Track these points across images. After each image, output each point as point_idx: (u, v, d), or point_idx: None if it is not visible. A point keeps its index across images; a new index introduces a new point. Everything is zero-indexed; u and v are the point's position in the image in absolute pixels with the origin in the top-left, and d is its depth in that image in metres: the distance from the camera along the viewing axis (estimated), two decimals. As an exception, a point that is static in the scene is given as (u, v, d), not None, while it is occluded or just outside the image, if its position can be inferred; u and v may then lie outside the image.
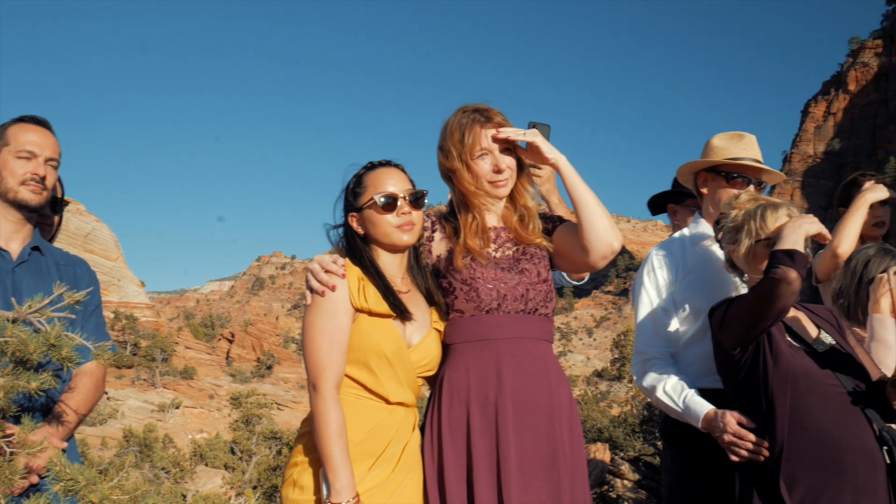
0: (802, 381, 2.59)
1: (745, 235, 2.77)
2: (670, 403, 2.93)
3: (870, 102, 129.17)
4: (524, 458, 2.43)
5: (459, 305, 2.56)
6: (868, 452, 2.53)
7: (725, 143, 3.20)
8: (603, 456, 10.16)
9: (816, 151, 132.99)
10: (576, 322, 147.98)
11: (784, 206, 2.78)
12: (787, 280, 2.48)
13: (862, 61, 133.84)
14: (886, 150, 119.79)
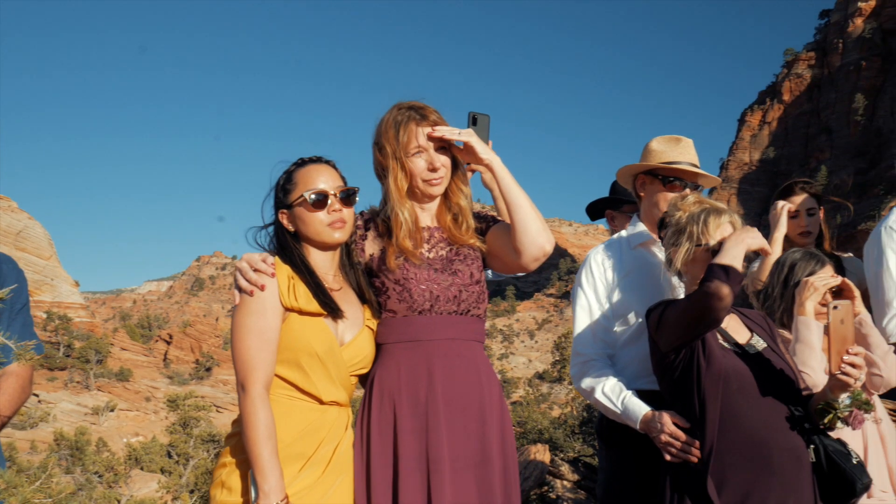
0: (734, 382, 2.62)
1: (687, 239, 2.79)
2: (609, 405, 2.95)
3: (803, 112, 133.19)
4: (455, 457, 2.42)
5: (392, 305, 2.54)
6: (794, 451, 2.59)
7: (663, 146, 3.23)
8: (543, 457, 10.20)
9: (752, 159, 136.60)
10: (518, 324, 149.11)
11: (727, 213, 2.81)
12: (718, 295, 2.51)
13: (796, 72, 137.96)
14: (818, 159, 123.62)
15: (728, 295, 2.52)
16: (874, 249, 3.46)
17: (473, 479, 2.44)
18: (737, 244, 2.65)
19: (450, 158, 2.62)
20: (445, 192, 2.65)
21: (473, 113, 2.85)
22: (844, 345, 2.57)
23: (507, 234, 2.56)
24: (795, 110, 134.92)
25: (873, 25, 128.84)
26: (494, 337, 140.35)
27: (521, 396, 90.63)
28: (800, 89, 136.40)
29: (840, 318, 2.57)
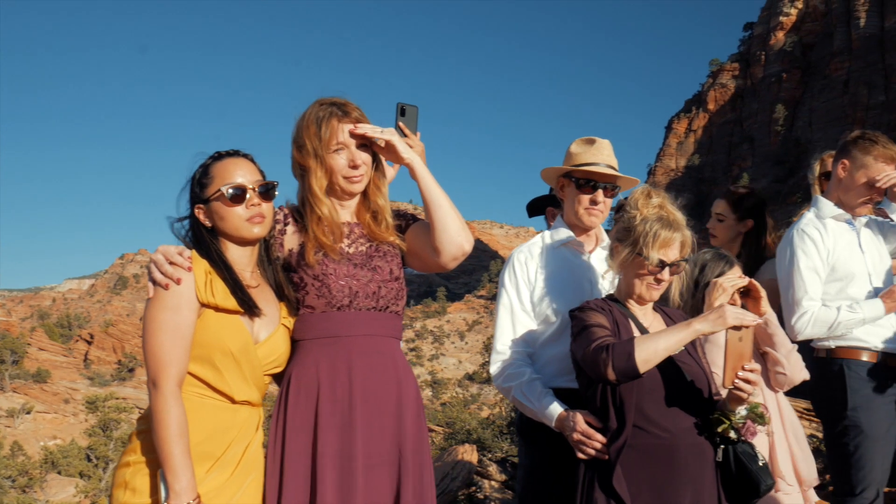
0: (647, 380, 2.68)
1: (630, 242, 2.80)
2: (526, 403, 2.98)
3: (727, 121, 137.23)
4: (370, 455, 2.41)
5: (310, 301, 2.51)
6: (699, 448, 2.66)
7: (579, 149, 3.27)
8: (470, 457, 10.24)
9: (678, 166, 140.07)
10: (448, 325, 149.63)
11: (681, 232, 2.81)
12: (601, 374, 2.59)
13: (721, 82, 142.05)
14: (740, 167, 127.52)
15: (610, 376, 2.57)
16: (786, 250, 3.58)
17: (387, 477, 2.43)
18: (670, 337, 2.63)
19: (371, 156, 2.61)
20: (366, 189, 2.64)
21: (402, 104, 2.85)
22: (740, 361, 2.65)
23: (426, 233, 2.56)
24: (720, 119, 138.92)
25: (794, 39, 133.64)
26: (425, 338, 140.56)
27: (450, 397, 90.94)
28: (724, 99, 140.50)
29: (738, 336, 2.64)
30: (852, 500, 3.41)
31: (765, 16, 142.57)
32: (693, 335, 2.62)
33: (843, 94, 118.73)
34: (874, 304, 3.40)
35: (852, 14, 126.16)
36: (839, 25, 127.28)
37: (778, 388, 3.26)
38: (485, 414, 23.35)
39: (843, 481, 3.45)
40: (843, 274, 3.53)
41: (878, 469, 3.40)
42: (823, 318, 3.44)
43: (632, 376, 2.59)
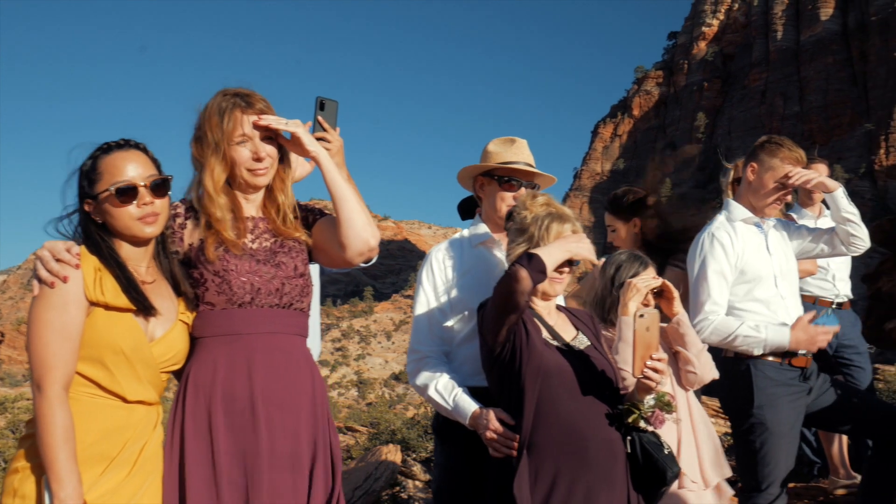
0: (556, 378, 2.71)
1: (526, 240, 2.86)
2: (441, 402, 2.99)
3: (651, 127, 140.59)
4: (274, 455, 2.35)
5: (210, 298, 2.42)
6: (609, 444, 2.70)
7: (499, 148, 3.30)
8: (394, 457, 10.21)
9: (603, 169, 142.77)
10: (375, 325, 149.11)
11: (571, 221, 2.89)
12: (516, 278, 2.62)
13: (645, 89, 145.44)
14: (663, 173, 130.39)
15: (525, 279, 2.61)
16: (696, 253, 3.67)
17: (291, 477, 2.37)
18: (559, 245, 2.78)
19: (276, 149, 2.53)
20: (271, 183, 2.56)
21: (321, 98, 2.79)
22: (648, 351, 2.71)
23: (333, 228, 2.51)
24: (644, 125, 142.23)
25: (715, 49, 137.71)
26: (351, 338, 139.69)
27: (376, 397, 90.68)
28: (648, 105, 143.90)
29: (646, 325, 2.70)
30: (758, 495, 3.51)
31: (688, 26, 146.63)
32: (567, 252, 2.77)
33: (761, 103, 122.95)
34: (781, 332, 3.49)
35: (770, 27, 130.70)
36: (758, 38, 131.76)
37: (688, 387, 3.34)
38: (410, 414, 23.34)
39: (749, 477, 3.55)
40: (751, 276, 3.63)
41: (783, 465, 3.51)
42: (723, 328, 3.53)
43: (542, 269, 2.66)
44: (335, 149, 2.82)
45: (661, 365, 2.72)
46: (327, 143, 2.79)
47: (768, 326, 3.51)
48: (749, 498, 3.53)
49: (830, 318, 3.47)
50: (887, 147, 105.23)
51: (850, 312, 5.45)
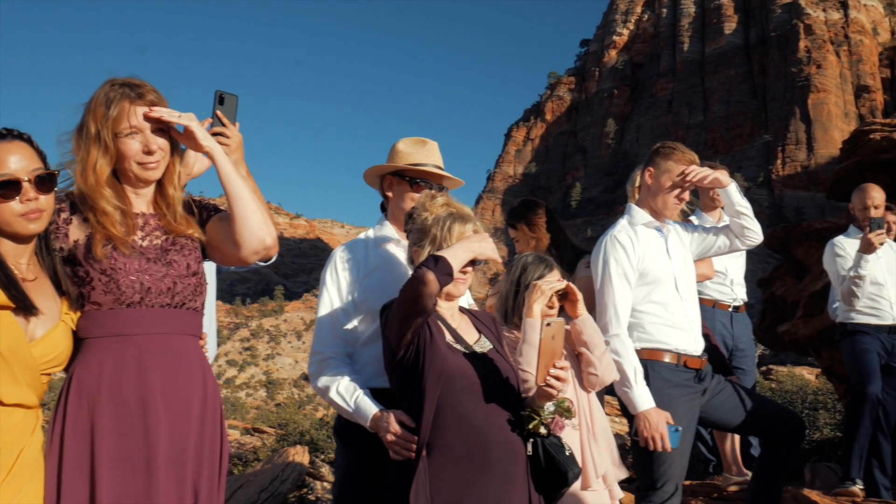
0: (459, 380, 2.71)
1: (429, 242, 2.85)
2: (342, 404, 2.95)
3: (562, 132, 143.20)
4: (160, 458, 2.27)
5: (97, 297, 2.31)
6: (511, 446, 2.72)
7: (410, 148, 3.28)
8: (302, 459, 10.11)
9: (516, 172, 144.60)
10: (285, 325, 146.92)
11: (472, 221, 2.89)
12: (423, 281, 2.61)
13: (558, 94, 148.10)
14: (574, 176, 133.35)
15: (432, 282, 2.61)
16: (599, 257, 3.77)
17: (177, 481, 2.29)
18: (464, 245, 2.79)
19: (168, 142, 2.43)
20: (162, 178, 2.46)
21: (220, 91, 2.70)
22: (552, 359, 2.74)
23: (227, 226, 2.43)
24: (556, 130, 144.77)
25: (625, 58, 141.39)
26: (261, 337, 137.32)
27: (285, 398, 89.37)
28: (560, 110, 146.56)
29: (551, 334, 2.72)
30: (653, 493, 3.60)
31: (599, 34, 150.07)
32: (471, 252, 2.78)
33: (668, 112, 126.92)
34: (644, 396, 3.54)
35: (678, 38, 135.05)
36: (665, 48, 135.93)
37: (590, 389, 3.40)
38: (320, 415, 23.13)
39: (645, 476, 3.64)
40: (651, 279, 3.72)
41: (678, 464, 3.61)
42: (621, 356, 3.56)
43: (449, 272, 2.66)
44: (234, 144, 2.73)
45: (564, 373, 2.76)
46: (226, 139, 2.70)
47: (639, 383, 3.55)
48: (645, 496, 3.63)
49: (674, 436, 3.54)
50: (784, 158, 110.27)
51: (744, 316, 5.68)
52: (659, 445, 3.48)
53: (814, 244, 8.97)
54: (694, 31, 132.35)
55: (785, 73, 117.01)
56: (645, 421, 3.50)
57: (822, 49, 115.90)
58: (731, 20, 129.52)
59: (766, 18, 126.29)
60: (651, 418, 3.50)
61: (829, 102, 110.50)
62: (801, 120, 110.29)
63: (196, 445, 2.35)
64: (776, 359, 39.34)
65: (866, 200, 5.43)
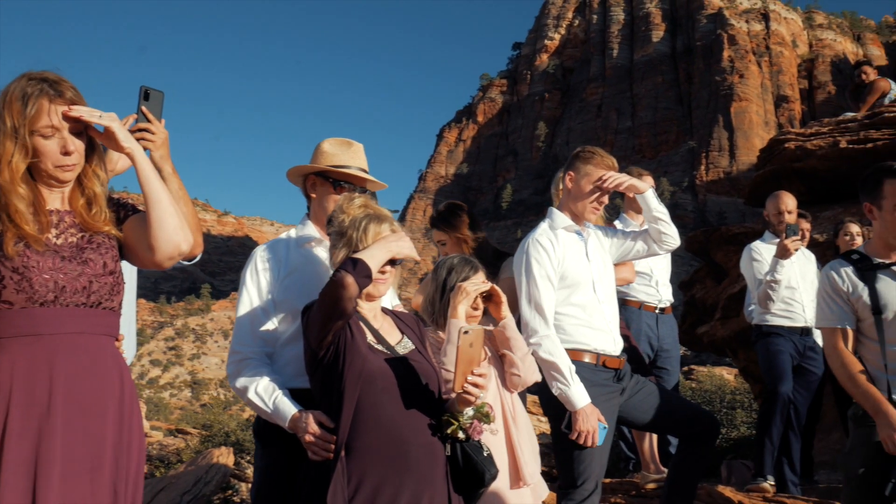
0: (379, 381, 2.72)
1: (345, 244, 2.85)
2: (261, 405, 2.92)
3: (494, 134, 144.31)
4: (70, 461, 2.21)
5: (8, 296, 2.23)
6: (430, 447, 2.73)
7: (335, 149, 3.26)
8: (226, 460, 9.98)
9: (448, 173, 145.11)
10: (212, 324, 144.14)
11: (389, 221, 2.89)
12: (342, 284, 2.61)
13: (490, 97, 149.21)
14: (504, 178, 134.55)
15: (351, 285, 2.61)
16: (521, 260, 3.81)
17: (90, 484, 2.23)
18: (381, 246, 2.79)
19: (85, 142, 2.37)
20: (80, 176, 2.39)
21: (146, 87, 2.64)
22: (470, 366, 2.74)
23: (143, 228, 2.37)
24: (488, 131, 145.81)
25: (556, 62, 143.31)
26: (186, 336, 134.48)
27: (211, 398, 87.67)
28: (492, 112, 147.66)
29: (469, 341, 2.72)
30: (574, 491, 3.66)
31: (532, 38, 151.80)
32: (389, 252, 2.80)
33: (597, 117, 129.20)
34: (580, 393, 3.60)
35: (607, 45, 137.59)
36: (595, 54, 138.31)
37: (513, 389, 3.44)
38: (246, 415, 22.78)
39: (566, 474, 3.70)
40: (571, 282, 3.78)
41: (598, 462, 3.68)
42: (549, 353, 3.62)
43: (368, 274, 2.67)
44: (160, 141, 2.68)
45: (482, 380, 2.77)
46: (151, 136, 2.65)
47: (575, 380, 3.61)
48: (566, 494, 3.70)
49: (602, 433, 3.61)
50: (707, 164, 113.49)
51: (670, 317, 5.80)
52: (590, 441, 3.56)
53: (732, 248, 9.24)
54: (623, 38, 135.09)
55: (709, 81, 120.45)
56: (583, 416, 3.56)
57: (745, 59, 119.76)
58: (659, 28, 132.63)
59: (693, 28, 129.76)
60: (588, 414, 3.57)
61: (750, 111, 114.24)
62: (724, 127, 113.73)
63: (114, 447, 2.29)
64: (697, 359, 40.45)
65: (780, 206, 5.66)
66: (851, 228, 6.08)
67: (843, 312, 3.28)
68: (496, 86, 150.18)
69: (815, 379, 5.70)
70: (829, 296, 3.33)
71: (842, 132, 9.21)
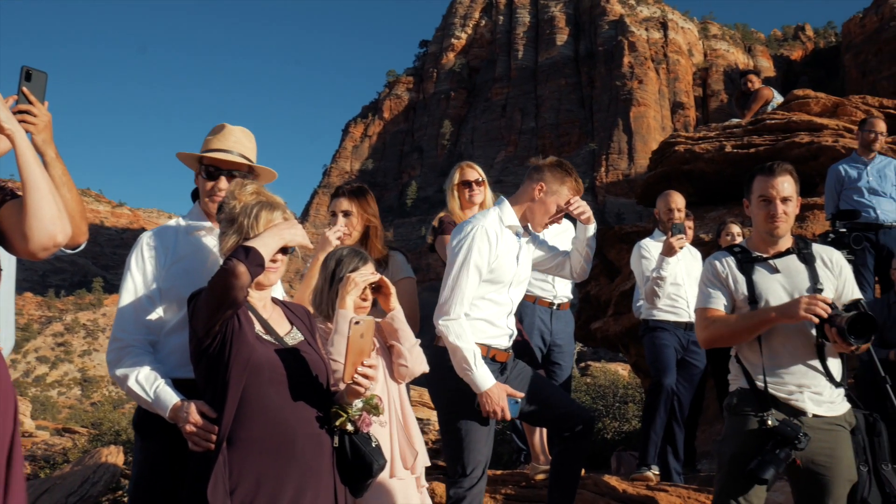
0: (266, 371, 2.69)
1: (235, 231, 2.80)
2: (141, 394, 2.85)
3: (399, 131, 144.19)
4: None
5: None
6: (317, 438, 2.72)
7: (210, 136, 3.23)
8: (115, 459, 9.65)
9: (352, 168, 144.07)
10: (104, 319, 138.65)
11: (281, 209, 2.86)
12: (234, 273, 2.57)
13: (396, 93, 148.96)
14: (409, 175, 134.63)
15: (243, 274, 2.57)
16: (464, 242, 3.76)
17: None
18: (273, 234, 2.75)
19: None
20: None
21: (27, 68, 2.52)
22: (360, 357, 2.76)
23: (20, 214, 2.26)
24: (393, 128, 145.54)
25: (462, 62, 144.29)
26: (77, 332, 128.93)
27: (102, 396, 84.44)
28: (398, 109, 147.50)
29: (360, 332, 2.75)
30: (463, 479, 3.70)
31: (438, 36, 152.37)
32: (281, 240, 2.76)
33: (501, 117, 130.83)
34: (485, 376, 3.64)
35: (513, 46, 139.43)
36: (501, 55, 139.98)
37: (400, 380, 3.46)
38: (139, 413, 22.06)
39: (454, 463, 3.74)
40: (496, 277, 3.80)
41: (484, 451, 3.74)
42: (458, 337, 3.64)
43: (260, 262, 2.64)
44: (42, 124, 2.57)
45: (372, 371, 2.78)
46: (32, 118, 2.54)
47: (480, 366, 3.64)
48: (455, 482, 3.74)
49: (514, 407, 3.71)
50: (607, 166, 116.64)
51: (566, 313, 5.90)
52: (499, 416, 3.63)
53: (625, 246, 9.55)
54: (528, 40, 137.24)
55: (610, 86, 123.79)
56: (488, 398, 3.61)
57: (644, 66, 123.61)
58: (563, 32, 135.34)
59: (595, 33, 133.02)
60: (493, 394, 3.62)
61: (648, 116, 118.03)
62: (623, 131, 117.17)
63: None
64: (596, 355, 41.52)
65: (670, 204, 5.90)
66: (733, 229, 6.39)
67: (719, 296, 3.44)
68: (403, 83, 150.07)
69: (697, 372, 5.96)
70: (710, 281, 3.49)
71: (727, 137, 9.65)
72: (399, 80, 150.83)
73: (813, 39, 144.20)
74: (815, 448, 3.24)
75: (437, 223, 5.30)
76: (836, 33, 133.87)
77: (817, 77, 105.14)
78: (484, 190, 5.24)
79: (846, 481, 3.30)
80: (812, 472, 3.29)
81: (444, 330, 3.65)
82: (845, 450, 3.33)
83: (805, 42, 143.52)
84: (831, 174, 7.47)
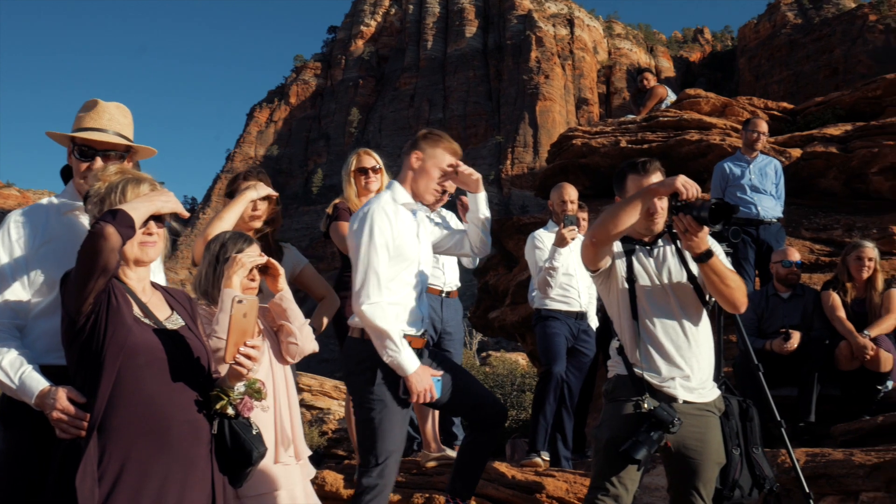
0: (142, 355, 2.61)
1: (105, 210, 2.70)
2: (5, 380, 2.74)
3: (306, 117, 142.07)
4: None
5: None
6: (194, 424, 2.67)
7: (81, 112, 3.11)
8: None
9: (257, 154, 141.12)
10: None
11: (148, 181, 2.79)
12: (102, 235, 2.50)
13: (303, 79, 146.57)
14: (316, 162, 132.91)
15: (112, 234, 2.50)
16: (364, 226, 3.71)
17: None
18: (144, 200, 2.69)
19: None
20: None
21: None
22: (243, 337, 2.72)
23: None
24: (300, 114, 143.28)
25: (371, 50, 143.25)
26: None
27: None
28: (305, 95, 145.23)
29: (243, 311, 2.71)
30: (375, 468, 3.65)
31: (347, 22, 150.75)
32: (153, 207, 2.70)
33: (410, 106, 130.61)
34: (411, 358, 3.63)
35: (422, 35, 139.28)
36: (410, 44, 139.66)
37: (290, 359, 3.44)
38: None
39: (368, 452, 3.69)
40: (402, 257, 3.75)
41: (398, 438, 3.72)
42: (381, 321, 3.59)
43: (130, 224, 2.56)
44: None
45: (255, 352, 2.73)
46: None
47: (405, 349, 3.62)
48: (366, 472, 3.67)
49: (438, 385, 3.71)
50: (513, 159, 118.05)
51: (455, 301, 5.95)
52: (427, 398, 3.63)
53: (522, 237, 9.67)
54: (438, 31, 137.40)
55: (518, 79, 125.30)
56: (416, 379, 3.60)
57: (551, 61, 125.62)
58: (472, 24, 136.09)
59: (504, 27, 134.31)
60: (420, 376, 3.61)
61: (553, 111, 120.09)
62: (529, 125, 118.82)
63: None
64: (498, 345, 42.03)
65: (563, 196, 6.04)
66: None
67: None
68: (310, 68, 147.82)
69: (587, 360, 6.12)
70: None
71: (622, 132, 9.91)
72: (307, 66, 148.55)
73: (711, 42, 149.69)
74: (686, 433, 3.40)
75: (331, 210, 5.26)
76: (732, 37, 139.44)
77: (714, 79, 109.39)
78: (381, 177, 5.22)
79: (715, 464, 3.48)
80: (683, 455, 3.44)
81: (365, 314, 3.58)
82: (714, 434, 3.50)
83: (703, 44, 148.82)
84: (717, 171, 7.85)
